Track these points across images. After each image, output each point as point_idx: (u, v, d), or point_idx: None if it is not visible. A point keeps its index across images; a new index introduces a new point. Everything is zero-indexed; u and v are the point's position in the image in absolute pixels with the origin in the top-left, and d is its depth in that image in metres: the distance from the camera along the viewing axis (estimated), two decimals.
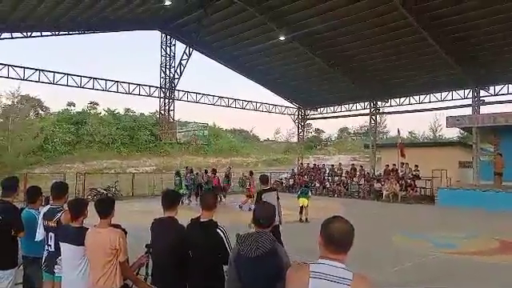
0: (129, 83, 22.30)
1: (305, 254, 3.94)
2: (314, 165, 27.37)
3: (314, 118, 31.19)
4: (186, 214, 3.81)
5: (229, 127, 58.74)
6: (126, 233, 4.04)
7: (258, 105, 28.27)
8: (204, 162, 36.23)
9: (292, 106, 29.64)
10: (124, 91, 22.16)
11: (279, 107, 29.41)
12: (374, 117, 25.69)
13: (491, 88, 20.48)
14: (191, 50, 22.22)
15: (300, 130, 30.33)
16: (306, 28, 18.49)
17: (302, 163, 28.37)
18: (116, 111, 44.91)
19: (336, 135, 64.89)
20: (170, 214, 3.52)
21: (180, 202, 3.78)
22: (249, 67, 24.98)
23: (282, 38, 19.41)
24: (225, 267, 3.04)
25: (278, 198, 6.78)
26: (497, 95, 20.33)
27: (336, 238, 2.02)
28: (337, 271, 1.95)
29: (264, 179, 7.25)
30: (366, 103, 25.71)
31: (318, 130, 61.64)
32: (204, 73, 75.50)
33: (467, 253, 8.40)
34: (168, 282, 3.37)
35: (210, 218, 3.33)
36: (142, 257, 3.78)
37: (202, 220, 3.32)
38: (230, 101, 26.64)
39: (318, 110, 29.31)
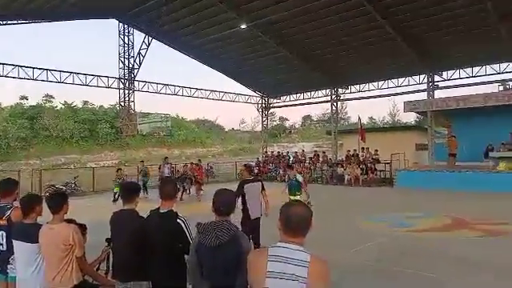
0: (86, 74, 21.49)
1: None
2: (279, 153, 27.67)
3: (277, 107, 31.43)
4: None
5: (193, 118, 58.12)
6: (85, 228, 3.95)
7: (222, 94, 28.12)
8: (168, 153, 35.61)
9: (255, 94, 29.69)
10: (81, 83, 21.33)
11: (243, 96, 29.40)
12: (334, 104, 26.23)
13: (444, 73, 21.45)
14: (150, 39, 21.67)
15: (264, 119, 30.48)
16: (266, 17, 18.46)
17: (266, 151, 28.61)
18: (73, 104, 43.18)
19: (300, 123, 65.80)
20: (130, 206, 3.46)
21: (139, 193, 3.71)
22: (211, 56, 24.68)
23: (242, 27, 19.30)
24: (186, 257, 3.03)
25: (262, 189, 6.45)
26: (449, 80, 21.31)
27: (294, 222, 2.05)
28: (294, 254, 1.98)
29: (247, 169, 6.80)
30: (327, 90, 26.21)
31: (282, 119, 62.29)
32: (167, 63, 74.03)
33: (423, 230, 8.84)
34: (129, 274, 3.32)
35: (169, 208, 3.29)
36: (102, 251, 3.71)
37: (161, 211, 3.29)
38: (193, 91, 26.33)
39: (281, 98, 29.57)
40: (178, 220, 3.18)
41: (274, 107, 31.52)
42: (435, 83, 21.25)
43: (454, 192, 14.72)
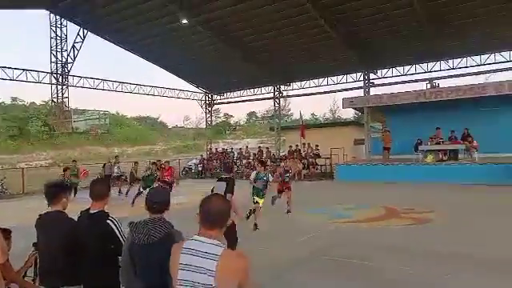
0: (13, 68, 19.89)
1: None
2: (223, 149, 27.63)
3: (221, 103, 31.38)
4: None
5: (134, 115, 56.18)
6: (9, 232, 3.66)
7: (164, 90, 27.46)
8: (107, 152, 34.16)
9: (199, 91, 29.36)
10: (7, 77, 19.71)
11: (186, 93, 28.94)
12: (277, 100, 26.69)
13: (379, 71, 22.67)
14: (86, 31, 20.57)
15: (208, 116, 30.25)
16: (208, 12, 18.32)
17: (210, 148, 28.44)
18: (0, 101, 39.93)
19: (245, 120, 66.15)
20: (56, 208, 3.26)
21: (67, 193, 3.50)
22: (152, 51, 23.95)
23: (184, 22, 18.95)
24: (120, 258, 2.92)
25: (229, 191, 5.80)
26: (384, 78, 22.56)
27: (210, 215, 2.06)
28: (206, 247, 1.98)
29: (225, 167, 6.52)
30: (270, 87, 26.61)
31: (227, 115, 62.18)
32: (107, 58, 70.64)
33: (360, 221, 9.29)
34: (59, 279, 3.14)
35: (100, 208, 3.15)
36: (29, 256, 3.46)
37: (91, 211, 3.14)
38: (133, 86, 25.43)
39: (225, 94, 29.52)
40: (108, 221, 3.05)
41: (218, 104, 31.44)
42: (371, 81, 22.38)
43: (389, 183, 15.67)
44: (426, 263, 5.78)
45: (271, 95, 26.82)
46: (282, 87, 26.44)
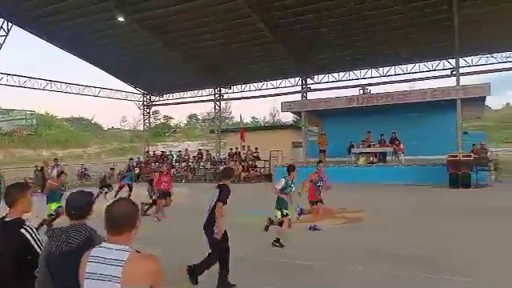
0: None
1: None
2: (162, 152, 26.95)
3: (160, 105, 30.63)
4: None
5: (66, 115, 52.86)
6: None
7: (98, 90, 26.22)
8: (35, 154, 31.74)
9: (137, 91, 28.41)
10: None
11: (123, 93, 27.86)
12: (218, 103, 26.62)
13: (316, 77, 23.52)
14: (10, 25, 19.01)
15: (146, 117, 29.36)
16: (146, 11, 17.82)
17: (148, 151, 27.62)
18: None
19: (185, 122, 65.08)
20: None
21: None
22: (86, 49, 22.70)
23: (120, 19, 18.25)
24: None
25: (220, 199, 5.09)
26: (320, 83, 23.43)
27: (115, 220, 2.00)
28: (112, 253, 1.92)
29: (222, 173, 5.69)
30: (211, 89, 26.48)
31: (166, 117, 60.72)
32: (38, 55, 65.78)
33: (296, 221, 9.51)
34: None
35: (17, 216, 2.91)
36: None
37: (6, 219, 2.89)
38: (63, 85, 23.96)
39: (165, 96, 28.87)
40: (22, 230, 2.82)
41: (157, 105, 30.61)
42: (308, 86, 23.14)
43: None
44: (356, 260, 6.07)
45: (212, 97, 26.68)
46: (223, 90, 26.44)
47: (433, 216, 9.48)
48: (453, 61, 19.47)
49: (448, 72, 19.98)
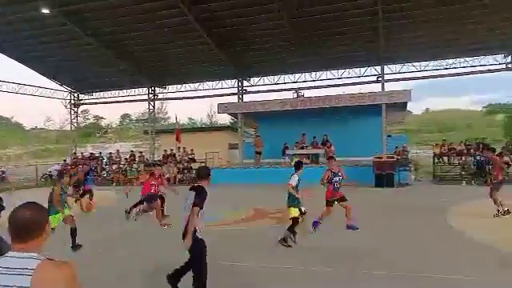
0: None
1: None
2: (91, 154, 25.52)
3: (89, 103, 29.02)
4: None
5: None
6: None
7: (19, 87, 24.15)
8: None
9: (63, 89, 26.62)
10: None
11: (47, 90, 25.95)
12: (152, 103, 25.84)
13: (252, 79, 23.77)
14: None
15: (73, 117, 27.61)
16: (73, 4, 16.76)
17: (75, 153, 25.99)
18: None
19: (118, 122, 62.32)
20: None
21: None
22: (6, 41, 20.80)
23: (45, 11, 16.98)
24: None
25: (195, 204, 4.41)
26: (256, 85, 23.74)
27: (18, 227, 1.83)
28: (19, 262, 1.77)
29: (197, 173, 4.98)
30: (145, 89, 25.63)
31: (97, 117, 57.68)
32: None
33: (229, 223, 9.52)
34: None
35: None
36: None
37: None
38: None
39: (94, 94, 27.38)
40: None
41: (85, 104, 28.96)
42: (244, 88, 23.32)
43: (260, 186, 16.47)
44: (286, 259, 6.19)
45: (146, 97, 25.82)
46: (158, 89, 25.71)
47: (364, 214, 10.00)
48: (379, 68, 20.78)
49: (374, 78, 21.25)
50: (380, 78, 20.63)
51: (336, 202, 7.91)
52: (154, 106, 26.29)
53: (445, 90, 68.10)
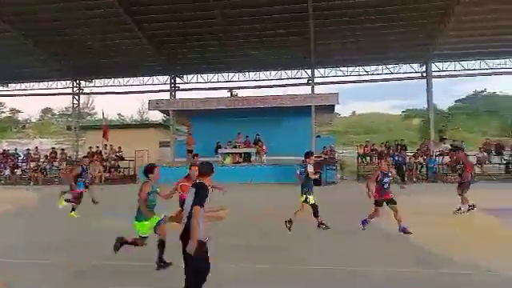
0: None
1: None
2: (4, 150, 23.28)
3: (3, 96, 26.52)
4: None
5: None
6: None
7: None
8: None
9: None
10: None
11: None
12: (77, 97, 24.30)
13: (185, 77, 23.37)
14: None
15: None
16: None
17: None
18: None
19: (38, 116, 57.60)
20: None
21: None
22: None
23: None
24: None
25: (196, 203, 3.99)
26: (189, 83, 23.37)
27: None
28: None
29: (200, 168, 4.41)
30: (69, 82, 24.02)
31: (14, 111, 52.76)
32: None
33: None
34: None
35: None
36: None
37: None
38: None
39: (10, 86, 25.06)
40: None
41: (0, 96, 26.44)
42: (177, 85, 22.85)
43: None
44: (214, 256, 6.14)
45: (70, 91, 24.20)
46: (84, 83, 24.22)
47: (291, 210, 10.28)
48: (309, 71, 21.56)
49: (305, 81, 22.00)
50: (310, 81, 21.40)
51: (385, 204, 7.58)
52: (78, 101, 24.71)
53: (369, 94, 72.56)
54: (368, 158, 19.67)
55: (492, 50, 19.97)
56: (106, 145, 20.49)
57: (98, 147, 20.39)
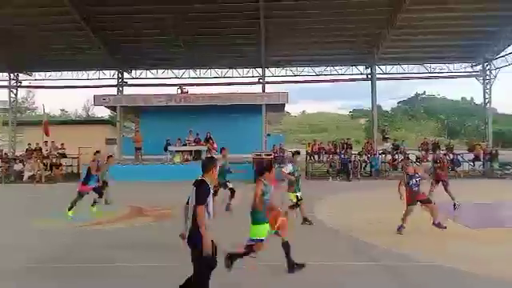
0: None
1: None
2: None
3: None
4: None
5: None
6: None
7: None
8: None
9: None
10: None
11: None
12: (14, 90, 22.75)
13: (133, 72, 22.67)
14: None
15: None
16: None
17: None
18: None
19: None
20: None
21: None
22: None
23: None
24: None
25: (197, 201, 3.78)
26: (137, 78, 22.70)
27: None
28: None
29: (202, 163, 4.12)
30: (6, 74, 22.43)
31: None
32: None
33: (103, 222, 8.94)
34: None
35: None
36: None
37: None
38: None
39: None
40: None
41: None
42: (124, 80, 22.12)
43: (140, 183, 15.86)
44: (162, 255, 6.07)
45: (6, 83, 22.59)
46: (22, 76, 22.70)
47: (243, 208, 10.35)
48: (260, 70, 21.77)
49: (256, 79, 22.19)
50: (261, 80, 21.61)
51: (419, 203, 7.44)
52: (16, 95, 23.15)
53: (319, 95, 74.80)
54: (316, 156, 20.21)
55: (430, 55, 21.34)
56: (46, 141, 19.38)
57: (37, 144, 19.24)
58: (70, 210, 9.40)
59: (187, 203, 4.00)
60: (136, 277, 5.23)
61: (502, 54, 20.48)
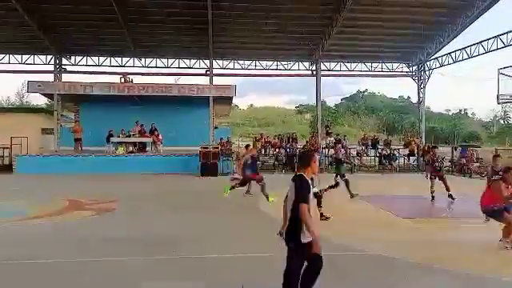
0: None
1: None
2: None
3: None
4: None
5: None
6: None
7: None
8: None
9: None
10: None
11: None
12: None
13: (73, 57, 21.43)
14: None
15: None
16: None
17: None
18: None
19: None
20: None
21: None
22: None
23: None
24: None
25: (299, 200, 3.51)
26: (77, 65, 21.51)
27: None
28: None
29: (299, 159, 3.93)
30: None
31: None
32: None
33: (38, 217, 8.43)
34: None
35: None
36: None
37: None
38: None
39: None
40: None
41: None
42: (63, 66, 20.90)
43: (79, 175, 15.20)
44: (102, 250, 5.87)
45: None
46: None
47: (180, 201, 10.27)
48: (208, 62, 21.55)
49: (203, 71, 21.94)
50: (209, 72, 21.42)
51: None
52: None
53: (267, 88, 75.61)
54: (263, 149, 20.47)
55: (371, 54, 22.40)
56: None
57: None
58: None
59: (285, 200, 3.76)
60: (72, 273, 5.04)
61: (435, 56, 21.99)
